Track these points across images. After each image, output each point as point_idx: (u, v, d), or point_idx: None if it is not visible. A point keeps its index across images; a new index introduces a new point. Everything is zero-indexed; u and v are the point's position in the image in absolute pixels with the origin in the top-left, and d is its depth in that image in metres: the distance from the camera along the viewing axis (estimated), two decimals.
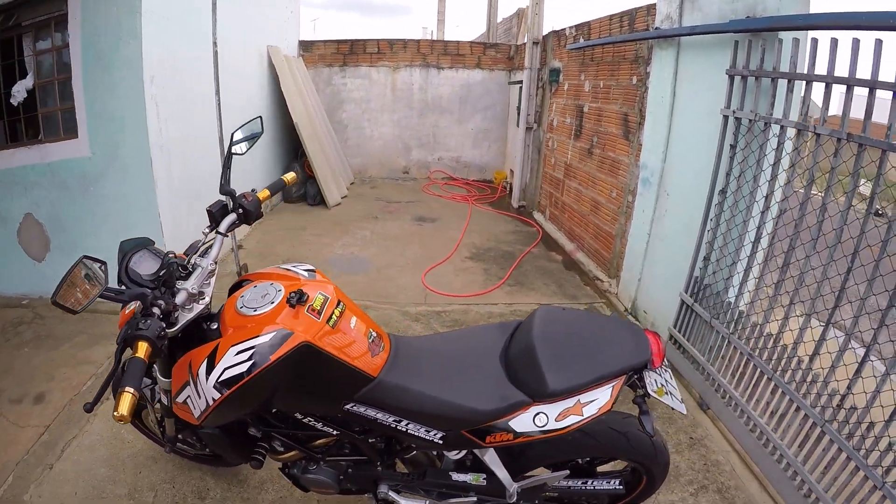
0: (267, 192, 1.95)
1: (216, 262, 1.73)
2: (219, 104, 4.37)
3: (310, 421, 1.78)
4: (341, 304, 1.63)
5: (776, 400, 2.45)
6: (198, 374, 1.49)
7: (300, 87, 7.15)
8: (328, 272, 4.72)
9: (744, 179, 2.71)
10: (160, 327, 1.36)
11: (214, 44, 4.24)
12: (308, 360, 1.49)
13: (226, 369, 1.45)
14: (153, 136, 4.14)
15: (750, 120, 2.62)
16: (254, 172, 6.57)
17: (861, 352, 1.99)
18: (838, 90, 2.14)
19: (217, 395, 1.47)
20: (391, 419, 1.62)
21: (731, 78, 2.76)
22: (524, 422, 1.54)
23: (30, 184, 4.54)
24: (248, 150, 2.01)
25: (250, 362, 1.43)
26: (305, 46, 8.09)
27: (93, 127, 4.12)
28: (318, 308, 1.55)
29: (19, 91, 4.42)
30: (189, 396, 1.54)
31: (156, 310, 1.40)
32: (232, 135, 1.96)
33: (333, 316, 1.56)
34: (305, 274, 1.75)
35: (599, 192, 4.72)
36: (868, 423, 1.97)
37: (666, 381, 1.63)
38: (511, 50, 7.97)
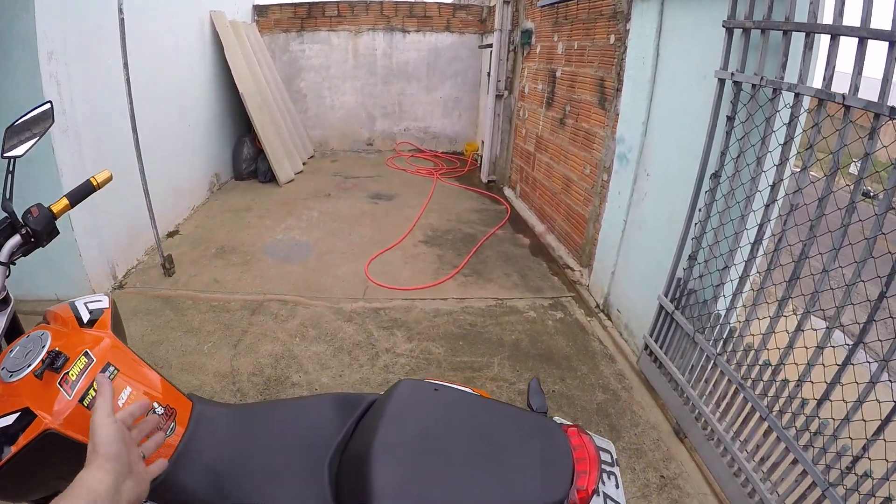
0: (65, 202, 1.56)
1: None
2: (127, 79, 3.98)
3: None
4: (110, 369, 1.23)
5: (769, 444, 1.90)
6: None
7: (249, 54, 6.47)
8: (262, 262, 4.28)
9: (743, 161, 2.11)
10: None
11: (120, 11, 3.81)
12: (61, 450, 1.14)
13: None
14: (58, 121, 3.69)
15: (753, 85, 2.01)
16: (199, 150, 5.99)
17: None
18: (878, 48, 1.55)
19: None
20: None
21: (730, 32, 2.15)
22: None
23: None
24: (30, 149, 1.57)
25: None
26: (260, 11, 7.38)
27: None
28: (74, 379, 1.17)
29: None
30: None
31: None
32: (5, 132, 1.53)
33: (91, 391, 1.16)
34: (87, 315, 1.40)
35: (572, 168, 4.12)
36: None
37: None
38: (483, 12, 7.27)
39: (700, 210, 2.35)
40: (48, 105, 1.65)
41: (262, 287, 3.86)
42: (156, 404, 1.25)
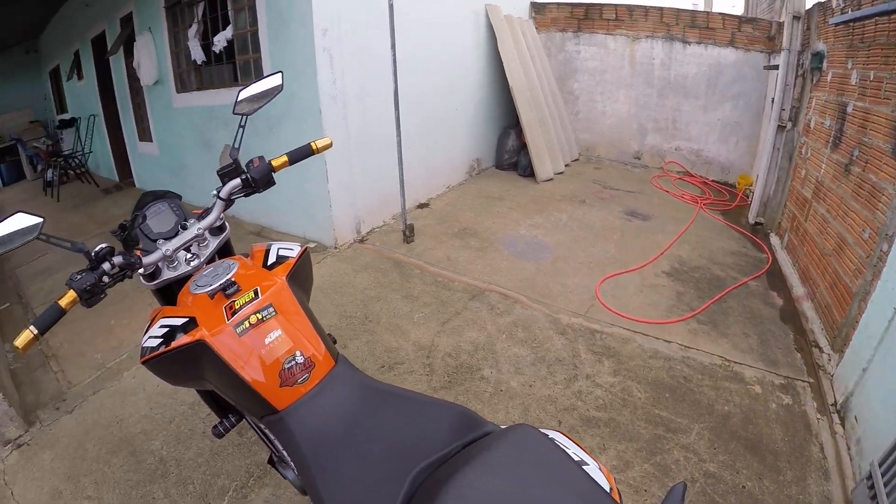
0: (285, 159, 1.82)
1: (205, 230, 1.68)
2: (394, 58, 4.36)
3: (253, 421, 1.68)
4: (269, 310, 1.39)
5: None
6: (145, 329, 1.53)
7: (523, 50, 6.56)
8: (498, 252, 4.38)
9: None
10: (93, 281, 1.38)
11: None
12: (209, 359, 1.36)
13: (147, 338, 1.48)
14: (326, 87, 4.40)
15: None
16: (463, 134, 6.37)
17: None
18: None
19: (141, 356, 1.49)
20: (292, 463, 1.35)
21: None
22: None
23: (230, 119, 5.20)
24: (258, 109, 1.86)
25: (160, 340, 1.42)
26: (538, 8, 7.41)
27: None
28: (237, 307, 1.38)
29: (220, 40, 5.19)
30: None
31: (106, 265, 1.42)
32: (238, 93, 1.84)
33: (246, 323, 1.35)
34: (273, 258, 1.62)
35: (849, 227, 3.51)
36: None
37: None
38: (772, 28, 6.38)
39: None
40: (279, 76, 1.89)
41: (490, 276, 3.93)
42: (298, 352, 1.35)
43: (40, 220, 1.45)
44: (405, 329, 3.41)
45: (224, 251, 1.86)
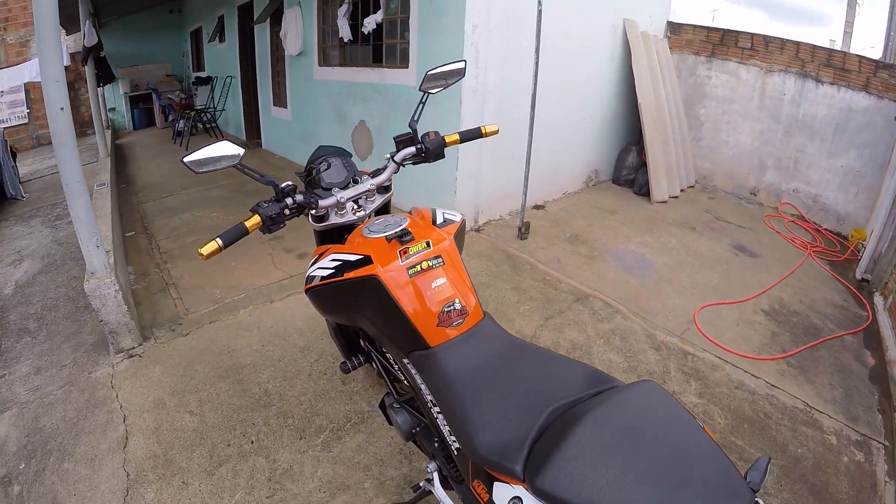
0: (457, 137, 2.08)
1: (376, 186, 2.00)
2: (536, 61, 4.60)
3: (389, 357, 1.88)
4: (438, 259, 1.61)
5: None
6: (310, 263, 1.82)
7: (655, 69, 6.64)
8: (605, 262, 4.75)
9: None
10: (277, 210, 1.65)
11: (539, 2, 4.43)
12: (375, 293, 1.56)
13: (316, 268, 1.74)
14: (468, 79, 4.66)
15: None
16: (587, 143, 6.62)
17: None
18: None
19: (304, 286, 1.81)
20: (429, 398, 1.55)
21: None
22: (500, 495, 1.23)
23: (367, 97, 5.94)
24: (442, 90, 2.13)
25: (330, 271, 1.67)
26: (673, 28, 7.40)
27: (420, 62, 5.04)
28: (411, 253, 1.59)
29: (370, 23, 5.53)
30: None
31: (289, 200, 1.69)
32: (426, 73, 2.09)
33: (418, 266, 1.57)
34: (441, 219, 1.84)
35: None
36: None
37: None
38: None
39: None
40: (462, 63, 2.13)
41: (595, 283, 4.19)
42: (457, 300, 1.56)
43: (241, 151, 1.65)
44: (510, 317, 3.73)
45: (383, 210, 2.14)
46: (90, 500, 2.45)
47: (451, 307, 1.54)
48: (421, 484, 2.00)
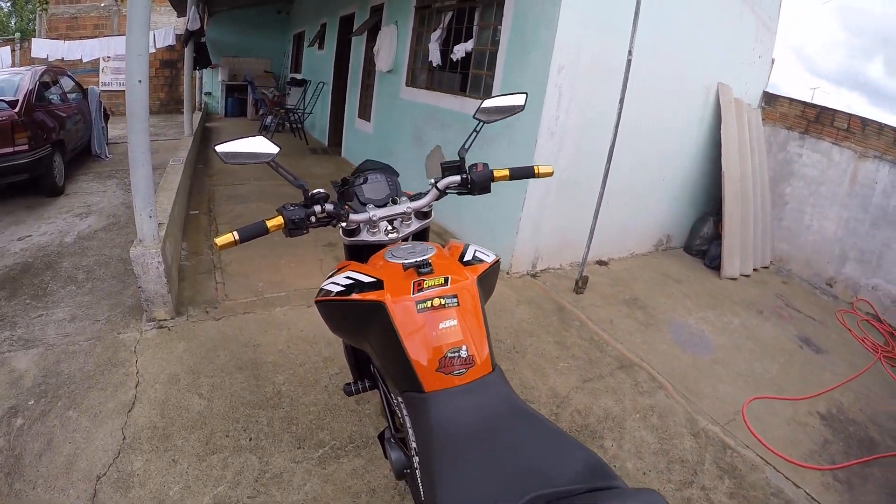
0: (506, 173, 1.94)
1: (413, 210, 1.90)
2: (619, 112, 4.50)
3: (389, 392, 1.77)
4: (453, 299, 1.49)
5: None
6: (329, 275, 1.79)
7: (745, 139, 6.38)
8: (660, 332, 4.56)
9: None
10: (302, 216, 1.63)
11: (630, 52, 4.34)
12: (379, 321, 1.49)
13: (330, 282, 1.72)
14: (547, 121, 4.61)
15: None
16: (662, 205, 6.45)
17: None
18: None
19: (317, 295, 1.78)
20: (413, 444, 1.42)
21: None
22: None
23: (447, 124, 5.94)
24: (495, 120, 2.04)
25: (342, 287, 1.63)
26: (769, 99, 7.10)
27: None
28: (426, 287, 1.50)
29: (459, 50, 5.66)
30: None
31: (317, 207, 1.65)
32: (482, 102, 2.02)
33: (429, 303, 1.47)
34: (470, 257, 1.74)
35: None
36: None
37: None
38: None
39: None
40: (523, 97, 2.03)
41: (645, 353, 4.02)
42: (464, 347, 1.43)
43: (277, 149, 1.63)
44: (546, 372, 3.61)
45: (419, 236, 2.03)
46: (83, 450, 2.55)
47: (457, 354, 1.42)
48: None
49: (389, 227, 1.88)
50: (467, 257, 1.73)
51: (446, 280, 1.52)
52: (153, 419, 2.79)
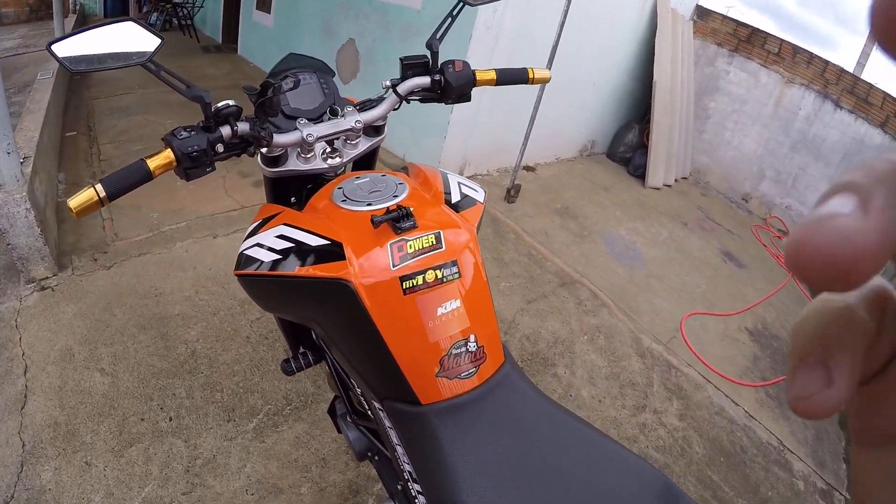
0: (493, 76, 1.43)
1: (363, 124, 1.29)
2: (566, 11, 4.08)
3: (356, 387, 1.29)
4: (453, 269, 1.00)
5: None
6: (249, 230, 1.17)
7: (676, 51, 6.22)
8: (595, 244, 4.31)
9: None
10: (203, 145, 1.02)
11: None
12: (343, 307, 0.98)
13: (253, 245, 1.10)
14: (485, 13, 4.10)
15: None
16: (590, 111, 6.18)
17: None
18: None
19: (237, 266, 1.13)
20: (407, 466, 1.05)
21: None
22: None
23: (361, 14, 5.24)
24: (478, 5, 1.47)
25: (276, 257, 1.04)
26: (701, 13, 6.90)
27: None
28: (410, 251, 0.97)
29: None
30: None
31: (225, 130, 1.06)
32: None
33: (420, 278, 0.96)
34: (457, 197, 1.18)
35: None
36: None
37: None
38: None
39: None
40: None
41: (583, 268, 3.86)
42: (472, 337, 1.00)
43: (159, 40, 1.06)
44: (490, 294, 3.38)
45: (365, 161, 1.48)
46: None
47: (463, 348, 0.99)
48: None
49: (329, 150, 1.31)
50: (454, 197, 1.18)
51: (438, 238, 1.01)
52: (52, 413, 2.22)
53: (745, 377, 3.45)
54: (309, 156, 1.26)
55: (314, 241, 1.02)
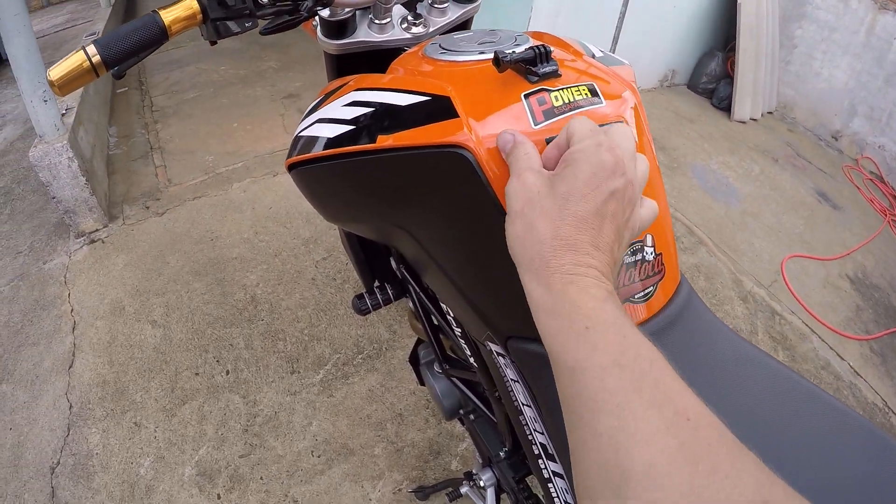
0: None
1: None
2: None
3: (454, 326, 0.99)
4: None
5: None
6: (311, 106, 0.86)
7: None
8: (686, 176, 4.00)
9: None
10: None
11: None
12: (460, 191, 0.65)
13: (314, 123, 0.79)
14: None
15: None
16: (669, 38, 5.73)
17: None
18: None
19: (290, 154, 0.87)
20: (539, 436, 0.78)
21: None
22: None
23: None
24: None
25: (350, 128, 0.71)
26: None
27: None
28: (556, 105, 0.63)
29: None
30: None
31: None
32: None
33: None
34: (599, 53, 0.82)
35: None
36: None
37: None
38: None
39: None
40: None
41: (677, 202, 3.60)
42: (649, 239, 0.70)
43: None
44: None
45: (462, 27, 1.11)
46: (27, 437, 1.90)
47: (639, 255, 0.68)
48: (463, 491, 1.37)
49: (411, 19, 0.99)
50: (596, 52, 0.83)
51: (593, 90, 0.67)
52: (101, 371, 2.10)
53: (849, 329, 3.18)
54: (384, 22, 0.95)
55: (405, 99, 0.68)
